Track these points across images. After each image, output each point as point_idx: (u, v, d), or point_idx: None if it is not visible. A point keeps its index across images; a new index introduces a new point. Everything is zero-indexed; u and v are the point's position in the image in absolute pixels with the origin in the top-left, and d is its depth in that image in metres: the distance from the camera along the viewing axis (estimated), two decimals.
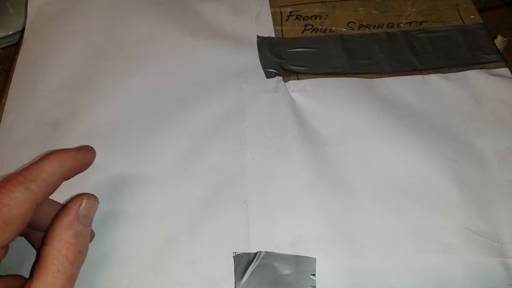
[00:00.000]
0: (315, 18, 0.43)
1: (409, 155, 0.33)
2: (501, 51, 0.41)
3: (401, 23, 0.43)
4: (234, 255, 0.29)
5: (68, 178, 0.26)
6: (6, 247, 0.23)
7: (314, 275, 0.28)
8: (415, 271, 0.28)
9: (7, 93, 0.38)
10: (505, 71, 0.38)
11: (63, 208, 0.25)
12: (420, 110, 0.36)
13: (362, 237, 0.30)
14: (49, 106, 0.37)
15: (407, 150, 0.34)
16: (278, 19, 0.43)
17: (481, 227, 0.30)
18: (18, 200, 0.23)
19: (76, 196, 0.25)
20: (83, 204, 0.25)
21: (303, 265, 0.29)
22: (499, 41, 0.44)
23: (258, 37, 0.42)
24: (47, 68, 0.40)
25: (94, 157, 0.29)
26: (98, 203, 0.26)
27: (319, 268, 0.29)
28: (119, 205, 0.32)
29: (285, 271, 0.29)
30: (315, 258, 0.29)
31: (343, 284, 0.28)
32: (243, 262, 0.29)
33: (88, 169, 0.33)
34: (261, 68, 0.39)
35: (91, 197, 0.26)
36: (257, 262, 0.29)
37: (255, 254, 0.29)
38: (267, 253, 0.29)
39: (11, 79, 0.39)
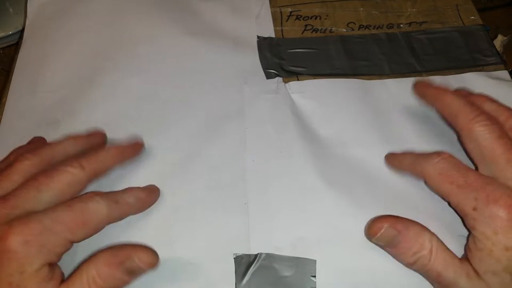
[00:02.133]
0: (315, 19, 0.43)
1: None
2: (501, 50, 0.41)
3: (401, 23, 0.43)
4: (234, 256, 0.29)
5: None
6: (72, 244, 0.26)
7: (315, 276, 0.29)
8: (415, 274, 0.28)
9: (7, 93, 0.38)
10: (504, 73, 0.38)
11: (118, 246, 0.27)
12: (420, 113, 0.36)
13: (362, 239, 0.30)
14: (49, 106, 0.37)
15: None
16: (278, 19, 0.43)
17: None
18: (100, 210, 0.26)
19: (138, 246, 0.27)
20: (133, 262, 0.26)
21: (303, 266, 0.29)
22: (499, 40, 0.44)
23: (258, 37, 0.42)
24: (47, 68, 0.40)
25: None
26: (152, 268, 0.26)
27: (320, 270, 0.29)
28: None
29: (286, 272, 0.29)
30: (316, 260, 0.29)
31: (343, 286, 0.28)
32: (244, 264, 0.29)
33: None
34: (261, 69, 0.39)
35: (148, 260, 0.26)
36: (258, 264, 0.29)
37: (256, 255, 0.29)
38: (267, 254, 0.29)
39: (11, 79, 0.39)
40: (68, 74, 0.39)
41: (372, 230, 0.28)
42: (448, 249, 0.27)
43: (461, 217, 0.27)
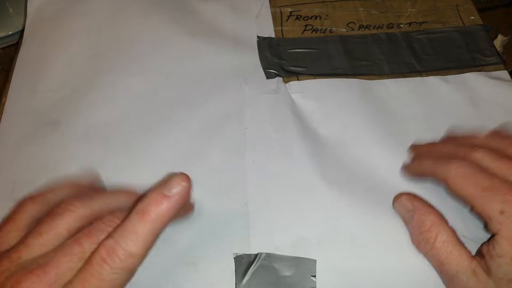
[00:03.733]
0: (315, 19, 0.43)
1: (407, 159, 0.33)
2: (501, 50, 0.41)
3: (401, 23, 0.43)
4: (234, 256, 0.29)
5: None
6: None
7: (315, 276, 0.29)
8: (415, 273, 0.28)
9: (7, 93, 0.38)
10: (504, 73, 0.38)
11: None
12: (419, 113, 0.36)
13: (362, 238, 0.30)
14: (49, 106, 0.37)
15: (406, 154, 0.34)
16: (278, 19, 0.43)
17: (476, 234, 0.30)
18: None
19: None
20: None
21: (303, 266, 0.29)
22: (499, 40, 0.44)
23: (258, 37, 0.42)
24: (47, 68, 0.40)
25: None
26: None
27: (320, 270, 0.29)
28: None
29: (286, 272, 0.29)
30: (316, 260, 0.29)
31: (343, 286, 0.28)
32: (244, 264, 0.29)
33: (88, 169, 0.33)
34: (261, 69, 0.39)
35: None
36: (258, 264, 0.29)
37: (256, 255, 0.29)
38: (267, 254, 0.29)
39: (11, 79, 0.39)
40: (68, 74, 0.39)
41: (394, 199, 0.30)
42: (460, 244, 0.26)
43: (484, 222, 0.27)
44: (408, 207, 0.29)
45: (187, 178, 0.23)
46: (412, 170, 0.32)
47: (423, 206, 0.28)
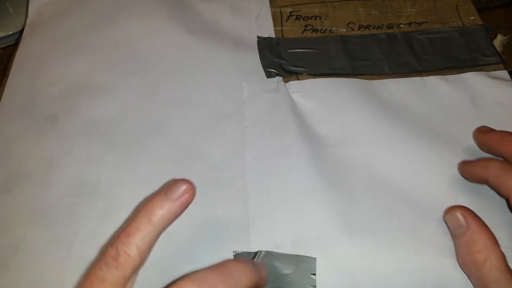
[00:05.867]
0: (315, 19, 0.44)
1: (407, 159, 0.33)
2: (501, 50, 0.41)
3: (401, 24, 0.43)
4: (234, 254, 0.29)
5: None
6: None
7: (315, 274, 0.28)
8: (414, 272, 0.28)
9: (5, 86, 0.38)
10: (504, 73, 0.38)
11: None
12: (419, 113, 0.36)
13: (362, 237, 0.30)
14: (46, 100, 0.37)
15: (406, 154, 0.34)
16: (278, 19, 0.43)
17: None
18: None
19: None
20: None
21: (303, 264, 0.29)
22: (499, 40, 0.44)
23: (258, 37, 0.42)
24: (45, 63, 0.40)
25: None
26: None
27: (320, 268, 0.29)
28: (118, 204, 0.32)
29: (286, 270, 0.29)
30: (316, 258, 0.29)
31: (343, 284, 0.28)
32: None
33: (87, 167, 0.33)
34: (262, 68, 0.39)
35: None
36: (258, 261, 0.29)
37: (256, 253, 0.29)
38: (267, 252, 0.29)
39: (9, 73, 0.39)
40: (67, 70, 0.39)
41: (447, 210, 0.29)
42: (509, 272, 0.25)
43: None
44: (461, 223, 0.27)
45: (188, 183, 0.24)
46: (472, 172, 0.31)
47: (477, 225, 0.27)
